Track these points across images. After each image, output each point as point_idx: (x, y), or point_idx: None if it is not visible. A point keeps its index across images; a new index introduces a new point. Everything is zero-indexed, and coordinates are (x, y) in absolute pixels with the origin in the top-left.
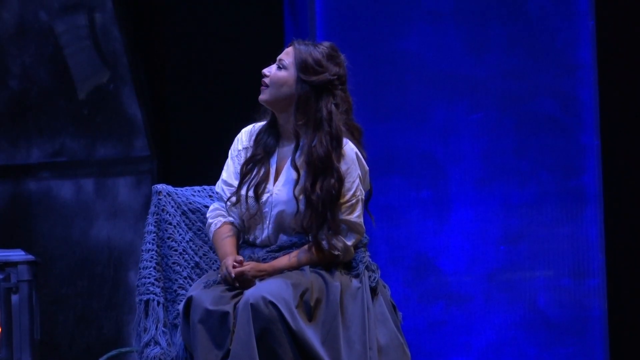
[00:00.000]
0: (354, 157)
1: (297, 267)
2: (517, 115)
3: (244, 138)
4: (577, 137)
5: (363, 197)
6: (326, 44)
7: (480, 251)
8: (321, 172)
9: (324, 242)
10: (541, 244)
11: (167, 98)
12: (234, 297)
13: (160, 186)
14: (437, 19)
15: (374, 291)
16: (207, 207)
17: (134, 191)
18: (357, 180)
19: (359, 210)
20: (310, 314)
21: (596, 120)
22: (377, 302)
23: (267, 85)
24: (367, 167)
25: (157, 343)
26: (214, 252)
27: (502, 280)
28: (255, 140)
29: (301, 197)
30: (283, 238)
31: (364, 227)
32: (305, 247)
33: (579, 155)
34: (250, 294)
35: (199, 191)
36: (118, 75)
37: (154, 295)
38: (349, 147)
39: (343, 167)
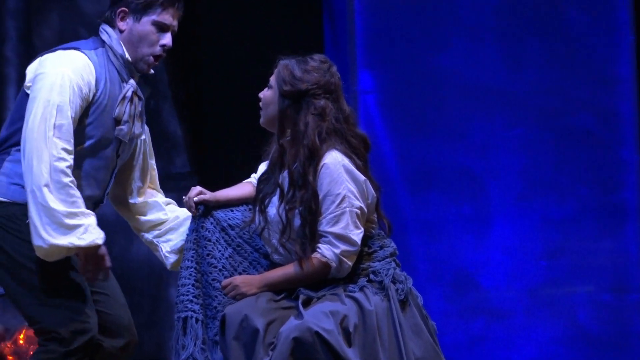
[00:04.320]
0: (339, 170)
1: (287, 280)
2: (556, 131)
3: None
4: (616, 152)
5: (356, 210)
6: (315, 56)
7: (521, 266)
8: (299, 187)
9: (311, 253)
10: (581, 259)
11: (208, 114)
12: (283, 308)
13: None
14: (476, 34)
15: (403, 303)
16: (245, 221)
17: None
18: (344, 193)
19: (344, 222)
20: (349, 340)
21: (636, 135)
22: (409, 313)
23: (261, 108)
24: (361, 178)
25: None
26: (254, 269)
27: (543, 295)
28: (270, 159)
29: (283, 214)
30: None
31: (354, 238)
32: (298, 260)
33: (618, 170)
34: (295, 325)
35: (238, 207)
36: (159, 92)
37: (193, 313)
38: (334, 160)
39: (326, 179)
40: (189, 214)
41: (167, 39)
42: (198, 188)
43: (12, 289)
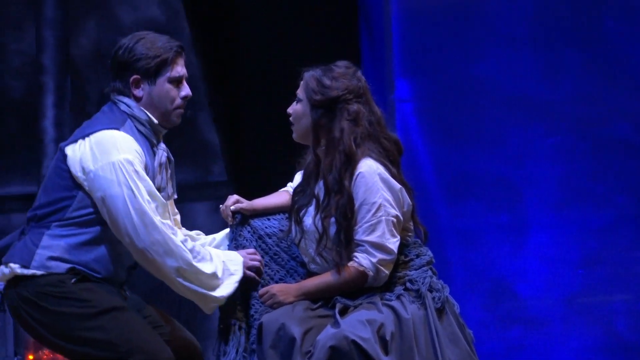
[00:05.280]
0: (375, 179)
1: (324, 288)
2: (593, 139)
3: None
4: None
5: (392, 218)
6: (338, 62)
7: (558, 275)
8: (334, 193)
9: (347, 259)
10: (619, 267)
11: (244, 123)
12: (319, 316)
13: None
14: (512, 43)
15: (440, 311)
16: (283, 231)
17: (211, 216)
18: (380, 202)
19: (380, 231)
20: (386, 348)
21: None
22: (446, 321)
23: (292, 124)
24: (397, 186)
25: None
26: (291, 277)
27: (580, 304)
28: (305, 171)
29: (319, 223)
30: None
31: (391, 247)
32: (335, 269)
33: None
34: (332, 334)
35: (274, 215)
36: (195, 101)
37: (236, 320)
38: (370, 169)
39: (362, 188)
40: (224, 235)
41: (186, 89)
42: (235, 196)
43: (79, 353)
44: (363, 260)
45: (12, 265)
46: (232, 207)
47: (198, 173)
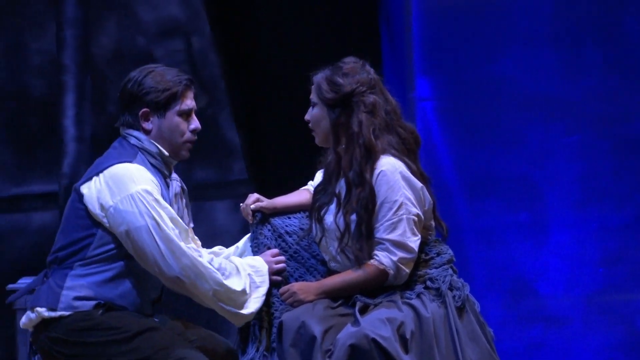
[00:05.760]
0: (397, 177)
1: (344, 287)
2: (613, 138)
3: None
4: None
5: (413, 217)
6: (345, 59)
7: (578, 274)
8: (355, 186)
9: (368, 258)
10: (639, 266)
11: (265, 122)
12: (340, 315)
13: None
14: (532, 42)
15: (460, 309)
16: (303, 229)
17: (231, 215)
18: (401, 200)
19: (401, 229)
20: (406, 347)
21: None
22: (466, 320)
23: (312, 129)
24: (418, 185)
25: None
26: (311, 275)
27: (601, 302)
28: (326, 170)
29: (340, 220)
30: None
31: (411, 245)
32: (356, 267)
33: None
34: (352, 332)
35: (295, 214)
36: (216, 99)
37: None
38: (391, 167)
39: (383, 187)
40: (245, 240)
41: (195, 122)
42: (255, 195)
43: None
44: (384, 258)
45: (38, 309)
46: (252, 206)
47: (218, 172)
